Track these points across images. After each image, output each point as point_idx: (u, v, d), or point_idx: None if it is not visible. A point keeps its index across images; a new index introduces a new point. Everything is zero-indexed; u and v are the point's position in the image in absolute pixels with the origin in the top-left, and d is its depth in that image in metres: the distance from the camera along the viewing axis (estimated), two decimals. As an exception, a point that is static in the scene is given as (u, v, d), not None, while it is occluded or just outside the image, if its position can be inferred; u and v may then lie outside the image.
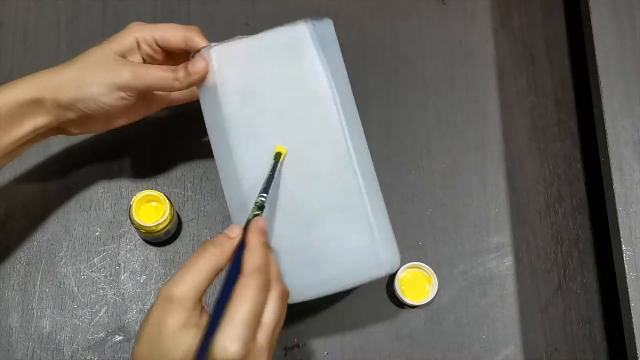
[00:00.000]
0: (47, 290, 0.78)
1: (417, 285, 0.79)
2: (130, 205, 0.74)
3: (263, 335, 0.55)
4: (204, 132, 0.68)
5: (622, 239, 0.73)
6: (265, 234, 0.59)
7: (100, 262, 0.79)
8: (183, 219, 0.80)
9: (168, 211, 0.74)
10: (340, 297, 0.79)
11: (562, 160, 0.85)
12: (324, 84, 0.65)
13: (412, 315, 0.79)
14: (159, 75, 0.67)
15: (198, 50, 0.67)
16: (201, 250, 0.56)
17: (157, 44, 0.69)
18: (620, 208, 0.74)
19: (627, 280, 0.72)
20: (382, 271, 0.68)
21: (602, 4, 0.80)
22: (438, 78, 0.87)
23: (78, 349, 0.76)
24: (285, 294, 0.58)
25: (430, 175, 0.83)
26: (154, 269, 0.79)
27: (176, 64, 0.68)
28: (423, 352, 0.78)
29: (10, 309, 0.77)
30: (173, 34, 0.69)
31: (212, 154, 0.68)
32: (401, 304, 0.79)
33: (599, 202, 0.80)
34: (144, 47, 0.69)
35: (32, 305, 0.77)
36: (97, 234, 0.79)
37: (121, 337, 0.76)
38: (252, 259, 0.56)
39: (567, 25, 0.89)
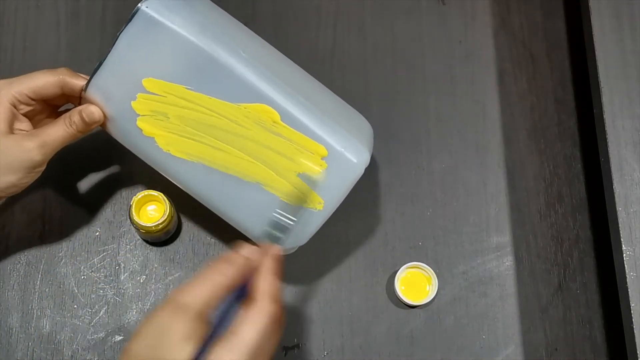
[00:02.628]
0: (47, 290, 0.78)
1: (417, 285, 0.79)
2: (130, 205, 0.74)
3: None
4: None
5: (622, 239, 0.73)
6: (279, 263, 0.59)
7: (100, 262, 0.79)
8: (183, 219, 0.80)
9: (168, 211, 0.74)
10: (340, 296, 0.79)
11: (562, 160, 0.85)
12: (199, 41, 0.65)
13: (412, 315, 0.79)
14: (62, 136, 0.67)
15: (81, 97, 0.67)
16: (217, 265, 0.56)
17: (31, 97, 0.67)
18: (620, 208, 0.74)
19: (627, 280, 0.72)
20: (357, 170, 0.68)
21: (602, 4, 0.80)
22: (438, 78, 0.87)
23: (78, 349, 0.76)
24: (283, 327, 0.58)
25: (430, 175, 0.83)
26: (154, 269, 0.79)
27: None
28: (423, 352, 0.78)
29: (10, 309, 0.77)
30: (44, 84, 0.67)
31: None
32: (401, 304, 0.79)
33: (599, 202, 0.80)
34: (22, 107, 0.67)
35: (32, 305, 0.77)
36: (97, 234, 0.79)
37: (121, 337, 0.76)
38: (266, 285, 0.56)
39: (567, 25, 0.89)
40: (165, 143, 0.68)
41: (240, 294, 0.56)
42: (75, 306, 0.77)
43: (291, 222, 0.63)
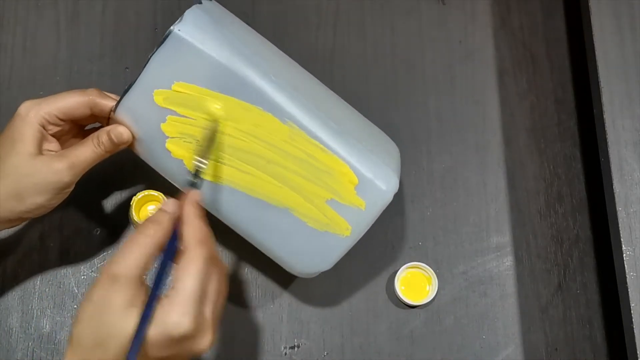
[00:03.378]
0: (47, 290, 0.78)
1: (417, 285, 0.79)
2: (130, 205, 0.74)
3: (209, 308, 0.56)
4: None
5: (622, 239, 0.73)
6: (201, 206, 0.60)
7: (100, 262, 0.79)
8: (183, 219, 0.80)
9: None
10: (341, 295, 0.79)
11: (562, 160, 0.85)
12: (231, 64, 0.65)
13: (412, 315, 0.79)
14: (91, 156, 0.66)
15: (109, 117, 0.67)
16: (142, 228, 0.57)
17: (60, 118, 0.66)
18: (620, 208, 0.74)
19: (627, 280, 0.72)
20: (386, 197, 0.68)
21: (602, 4, 0.80)
22: (438, 78, 0.87)
23: (78, 349, 0.76)
24: (225, 268, 0.60)
25: (430, 175, 0.83)
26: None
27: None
28: (423, 352, 0.78)
29: (10, 309, 0.77)
30: (74, 105, 0.66)
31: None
32: (401, 304, 0.79)
33: (599, 202, 0.80)
34: (50, 127, 0.67)
35: (32, 305, 0.77)
36: (97, 233, 0.79)
37: (121, 337, 0.76)
38: (191, 231, 0.57)
39: (567, 26, 0.89)
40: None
41: (173, 248, 0.57)
42: (75, 306, 0.77)
43: (205, 166, 0.64)
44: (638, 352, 0.70)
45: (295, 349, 0.78)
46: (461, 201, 0.83)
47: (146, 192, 0.75)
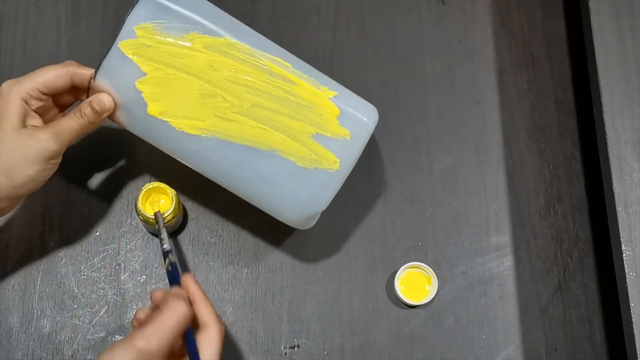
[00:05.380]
0: (47, 290, 0.78)
1: (417, 285, 0.79)
2: (137, 197, 0.73)
3: None
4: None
5: (622, 239, 0.73)
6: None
7: (101, 262, 0.79)
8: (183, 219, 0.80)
9: (174, 204, 0.73)
10: (340, 296, 0.79)
11: (562, 160, 0.85)
12: (204, 19, 0.68)
13: (412, 315, 0.79)
14: (75, 127, 0.67)
15: (89, 88, 0.68)
16: (175, 308, 0.62)
17: (42, 92, 0.67)
18: (620, 208, 0.74)
19: (627, 280, 0.72)
20: (368, 127, 0.70)
21: (602, 4, 0.80)
22: (438, 78, 0.87)
23: (78, 349, 0.76)
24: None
25: (430, 175, 0.83)
26: (154, 269, 0.79)
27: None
28: (423, 352, 0.78)
29: (10, 309, 0.77)
30: (54, 77, 0.67)
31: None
32: (401, 304, 0.79)
33: (599, 202, 0.80)
34: (33, 102, 0.67)
35: (32, 305, 0.77)
36: (97, 234, 0.79)
37: (121, 337, 0.76)
38: (209, 310, 0.65)
39: (567, 26, 0.89)
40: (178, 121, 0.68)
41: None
42: (75, 306, 0.77)
43: (168, 247, 0.70)
44: (638, 352, 0.70)
45: (295, 349, 0.78)
46: (461, 201, 0.83)
47: (154, 183, 0.74)
